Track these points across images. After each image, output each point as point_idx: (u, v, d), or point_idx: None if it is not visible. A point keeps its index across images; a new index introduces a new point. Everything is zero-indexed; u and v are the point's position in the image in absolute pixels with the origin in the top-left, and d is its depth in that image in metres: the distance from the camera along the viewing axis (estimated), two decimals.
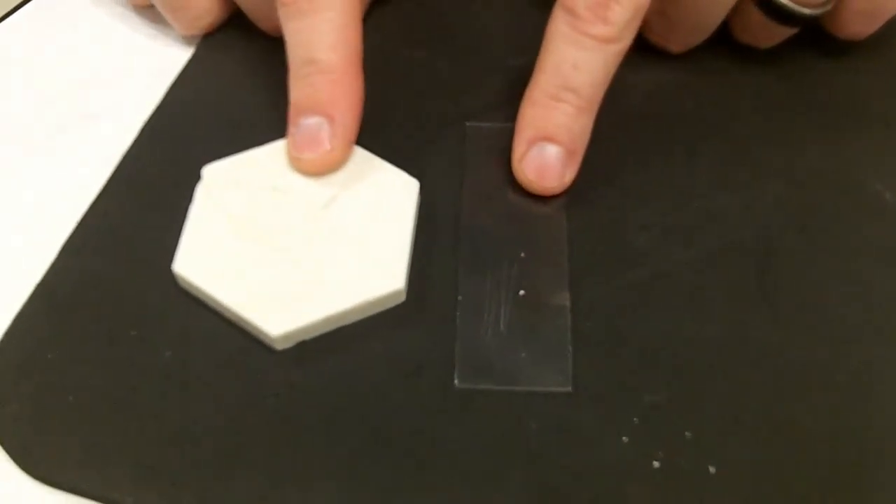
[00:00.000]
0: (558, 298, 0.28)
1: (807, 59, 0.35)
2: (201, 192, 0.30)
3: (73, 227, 0.30)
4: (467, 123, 0.32)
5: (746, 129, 0.33)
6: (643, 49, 0.34)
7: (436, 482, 0.25)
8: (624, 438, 0.26)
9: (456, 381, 0.26)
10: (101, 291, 0.29)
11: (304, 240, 0.28)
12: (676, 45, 0.34)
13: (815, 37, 0.34)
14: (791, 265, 0.29)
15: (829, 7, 0.32)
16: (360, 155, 0.30)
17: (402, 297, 0.28)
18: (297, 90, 0.29)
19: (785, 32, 0.33)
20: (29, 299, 0.28)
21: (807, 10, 0.31)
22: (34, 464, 0.25)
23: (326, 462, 0.25)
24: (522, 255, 0.29)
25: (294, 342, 0.27)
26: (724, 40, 0.34)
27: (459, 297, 0.28)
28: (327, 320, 0.27)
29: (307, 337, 0.27)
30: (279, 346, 0.27)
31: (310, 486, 0.25)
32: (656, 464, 0.25)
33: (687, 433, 0.26)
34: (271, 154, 0.31)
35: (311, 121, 0.29)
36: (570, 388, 0.26)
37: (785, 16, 0.31)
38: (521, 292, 0.28)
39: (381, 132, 0.31)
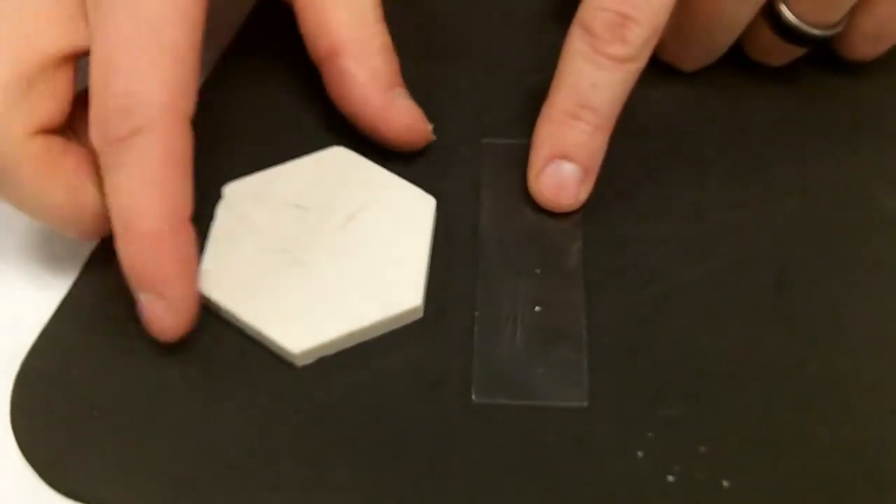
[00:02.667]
0: (574, 314, 0.28)
1: (819, 75, 0.35)
2: (222, 210, 0.30)
3: (97, 242, 0.31)
4: (483, 141, 0.33)
5: (760, 144, 0.33)
6: (656, 65, 0.34)
7: (454, 495, 0.25)
8: (639, 453, 0.26)
9: (473, 397, 0.27)
10: (126, 306, 0.29)
11: (324, 257, 0.29)
12: (689, 65, 0.34)
13: (828, 54, 0.34)
14: (805, 280, 0.29)
15: (839, 29, 0.32)
16: (378, 173, 0.31)
17: (420, 314, 0.28)
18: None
19: (796, 52, 0.34)
20: (54, 315, 0.29)
21: (817, 31, 0.31)
22: (60, 479, 0.26)
23: (348, 476, 0.26)
24: (538, 271, 0.29)
25: (314, 358, 0.28)
26: (736, 57, 0.34)
27: (476, 313, 0.28)
28: (347, 337, 0.28)
29: (327, 353, 0.28)
30: (299, 363, 0.27)
31: (332, 500, 0.25)
32: (671, 478, 0.25)
33: (701, 447, 0.26)
34: (291, 171, 0.31)
35: (148, 297, 0.26)
36: (586, 403, 0.27)
37: (796, 36, 0.32)
38: (537, 308, 0.29)
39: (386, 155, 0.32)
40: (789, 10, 0.31)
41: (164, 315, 0.26)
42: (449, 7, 0.37)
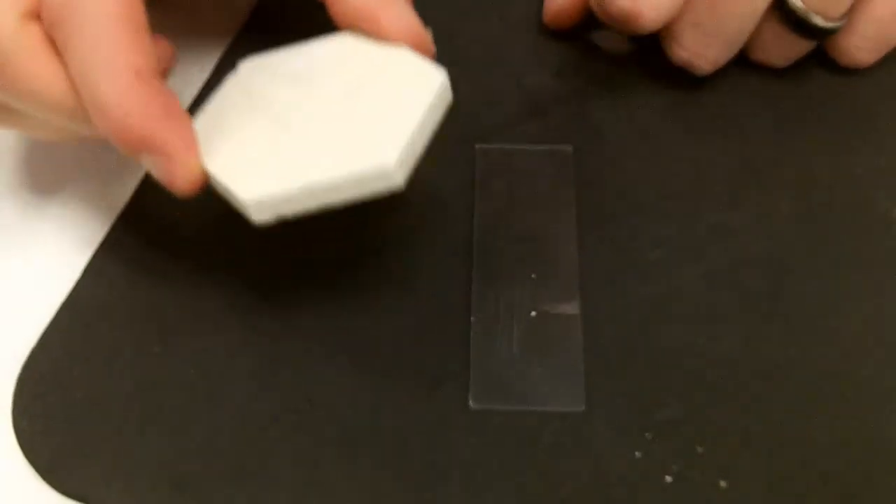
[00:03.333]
0: (570, 320, 0.29)
1: (818, 77, 0.35)
2: (230, 80, 0.29)
3: (98, 244, 0.31)
4: (477, 146, 0.33)
5: (757, 145, 0.33)
6: (656, 66, 0.35)
7: (453, 498, 0.25)
8: (637, 453, 0.26)
9: (471, 403, 0.27)
10: (126, 309, 0.29)
11: (311, 121, 0.27)
12: (707, 62, 0.34)
13: (826, 58, 0.35)
14: (802, 281, 0.30)
15: (842, 23, 0.32)
16: (392, 50, 0.28)
17: (399, 181, 0.25)
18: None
19: (799, 51, 0.34)
20: (55, 316, 0.29)
21: (822, 22, 0.32)
22: (61, 479, 0.26)
23: (346, 478, 0.26)
24: (533, 275, 0.29)
25: (272, 214, 0.25)
26: (737, 59, 0.34)
27: (472, 318, 0.29)
28: (307, 192, 0.25)
29: (288, 211, 0.25)
30: (255, 217, 0.25)
31: (331, 499, 0.25)
32: (668, 478, 0.26)
33: (699, 448, 0.26)
34: (308, 49, 0.29)
35: (150, 160, 0.26)
36: (583, 408, 0.27)
37: (802, 26, 0.32)
38: (533, 313, 0.29)
39: None
40: None
41: (172, 169, 0.25)
42: (444, 10, 0.37)
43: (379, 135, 0.25)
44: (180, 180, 0.25)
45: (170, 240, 0.28)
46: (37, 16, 0.26)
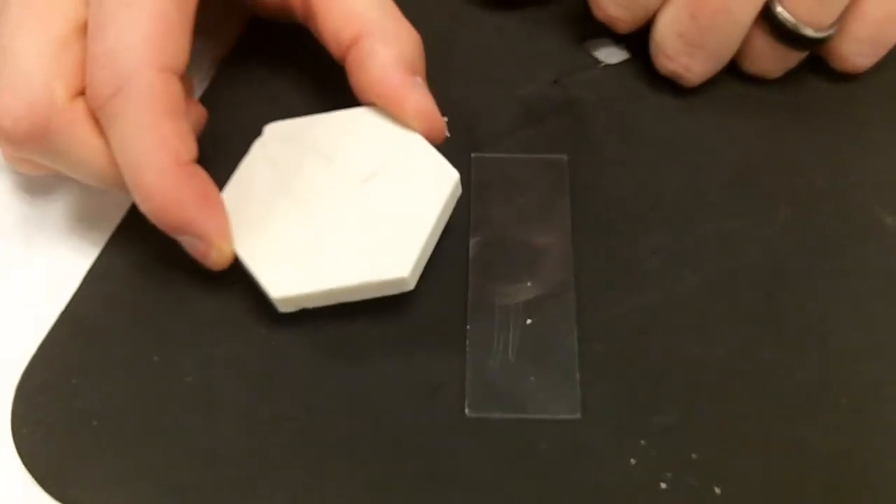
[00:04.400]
0: (566, 327, 0.29)
1: (812, 85, 0.35)
2: (256, 147, 0.31)
3: (97, 253, 0.31)
4: (472, 155, 0.33)
5: (752, 154, 0.33)
6: (650, 76, 0.35)
7: (450, 502, 0.26)
8: (632, 460, 0.26)
9: (467, 411, 0.27)
10: (125, 317, 0.29)
11: (333, 210, 0.29)
12: (695, 75, 0.34)
13: (820, 65, 0.35)
14: (797, 288, 0.30)
15: (832, 32, 0.32)
16: (411, 137, 0.30)
17: (410, 286, 0.28)
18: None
19: (790, 61, 0.34)
20: (54, 325, 0.29)
21: (811, 32, 0.32)
22: (60, 487, 0.26)
23: (346, 482, 0.26)
24: (529, 284, 0.30)
25: (296, 307, 0.28)
26: (731, 69, 0.35)
27: (468, 327, 0.29)
28: (329, 293, 0.28)
29: (310, 305, 0.28)
30: (281, 309, 0.28)
31: None
32: (664, 485, 0.26)
33: (694, 454, 0.26)
34: (330, 121, 0.31)
35: (186, 239, 0.28)
36: (578, 416, 0.27)
37: (791, 37, 0.32)
38: (529, 321, 0.29)
39: None
40: (784, 8, 0.31)
41: (205, 250, 0.27)
42: (440, 20, 0.37)
43: (395, 245, 0.28)
44: (212, 261, 0.28)
45: (168, 249, 0.29)
46: (82, 92, 0.27)
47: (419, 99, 0.30)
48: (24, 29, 0.26)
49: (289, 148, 0.30)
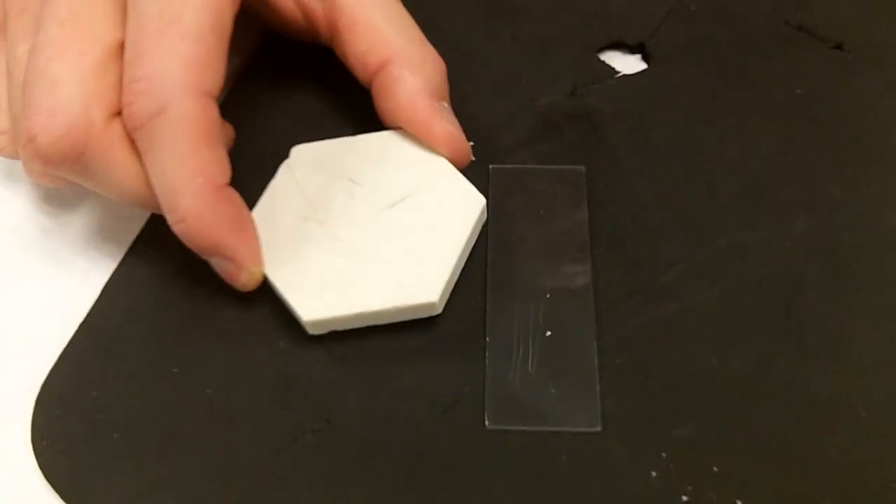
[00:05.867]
0: (585, 339, 0.29)
1: (827, 95, 0.35)
2: (283, 170, 0.31)
3: (116, 265, 0.31)
4: (491, 166, 0.33)
5: (768, 164, 0.33)
6: (667, 86, 0.35)
7: None
8: (653, 473, 0.26)
9: (487, 423, 0.27)
10: (145, 329, 0.29)
11: (362, 234, 0.29)
12: None
13: (837, 73, 0.35)
14: (815, 300, 0.30)
15: None
16: (437, 162, 0.31)
17: (438, 310, 0.29)
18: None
19: None
20: (73, 337, 0.29)
21: None
22: (80, 499, 0.26)
23: (364, 496, 0.26)
24: (548, 295, 0.30)
25: (326, 330, 0.29)
26: (745, 78, 0.35)
27: (487, 339, 0.29)
28: (359, 317, 0.28)
29: (339, 328, 0.29)
30: (311, 331, 0.29)
31: None
32: (685, 498, 0.26)
33: (715, 467, 0.26)
34: (357, 144, 0.31)
35: (216, 261, 0.28)
36: (598, 428, 0.27)
37: None
38: (548, 333, 0.29)
39: None
40: None
41: (235, 272, 0.28)
42: (458, 30, 0.37)
43: (424, 271, 0.29)
44: (241, 283, 0.28)
45: (187, 261, 0.29)
46: (118, 113, 0.27)
47: (446, 125, 0.30)
48: (60, 51, 0.27)
49: (316, 171, 0.31)
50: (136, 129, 0.27)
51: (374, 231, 0.29)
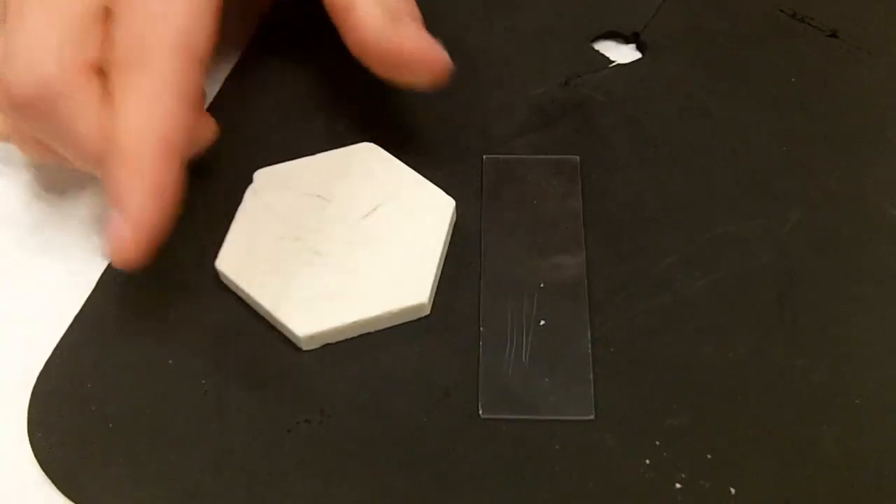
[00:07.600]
0: (579, 328, 0.29)
1: (823, 86, 0.35)
2: (250, 194, 0.31)
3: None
4: (484, 156, 0.33)
5: (763, 154, 0.33)
6: (662, 76, 0.35)
7: None
8: (646, 461, 0.26)
9: (480, 412, 0.27)
10: (140, 321, 0.30)
11: (340, 247, 0.30)
12: None
13: (832, 61, 0.35)
14: (810, 290, 0.30)
15: None
16: (403, 171, 0.32)
17: (427, 311, 0.29)
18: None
19: None
20: (69, 329, 0.29)
21: None
22: (77, 490, 0.26)
23: (360, 486, 0.26)
24: (542, 285, 0.30)
25: (320, 344, 0.29)
26: (741, 70, 0.35)
27: (481, 329, 0.29)
28: (352, 326, 0.28)
29: (333, 340, 0.29)
30: (305, 347, 0.29)
31: None
32: (678, 485, 0.26)
33: (708, 455, 0.26)
34: (319, 163, 0.32)
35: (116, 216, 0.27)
36: (592, 417, 0.27)
37: None
38: (542, 322, 0.29)
39: (403, 163, 0.32)
40: None
41: (122, 230, 0.26)
42: (450, 22, 0.37)
43: (410, 273, 0.29)
44: (123, 249, 0.26)
45: (184, 253, 0.29)
46: (97, 68, 0.27)
47: (412, 40, 0.29)
48: (44, 7, 0.27)
49: (283, 192, 0.31)
50: (117, 69, 0.27)
51: (352, 243, 0.30)
